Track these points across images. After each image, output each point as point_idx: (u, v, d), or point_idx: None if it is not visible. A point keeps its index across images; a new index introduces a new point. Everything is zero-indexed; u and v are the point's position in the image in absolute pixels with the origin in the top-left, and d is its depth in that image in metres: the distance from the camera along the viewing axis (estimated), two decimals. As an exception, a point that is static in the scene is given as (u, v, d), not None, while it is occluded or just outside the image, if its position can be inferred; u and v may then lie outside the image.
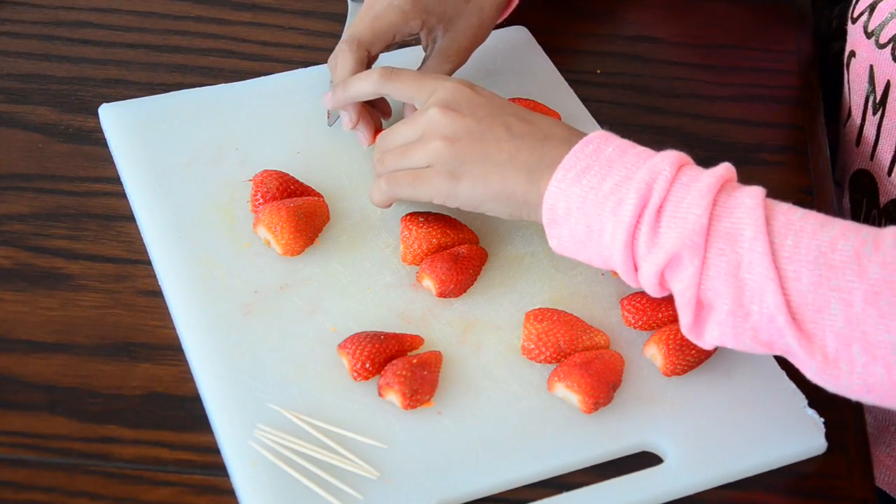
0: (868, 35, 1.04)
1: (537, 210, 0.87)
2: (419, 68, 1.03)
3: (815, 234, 0.79)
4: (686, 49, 1.20)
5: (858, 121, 1.09)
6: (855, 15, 1.07)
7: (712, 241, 0.80)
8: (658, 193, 0.82)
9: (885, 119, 1.04)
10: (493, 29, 1.16)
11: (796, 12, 1.23)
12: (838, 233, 0.79)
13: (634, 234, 0.83)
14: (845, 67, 1.09)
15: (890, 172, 1.07)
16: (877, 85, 1.04)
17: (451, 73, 1.04)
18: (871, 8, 1.04)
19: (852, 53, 1.07)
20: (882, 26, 1.02)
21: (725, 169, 0.83)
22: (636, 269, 0.84)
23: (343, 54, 1.00)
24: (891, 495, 1.13)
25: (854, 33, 1.07)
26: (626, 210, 0.82)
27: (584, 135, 0.87)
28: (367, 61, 1.01)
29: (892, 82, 1.03)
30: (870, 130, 1.07)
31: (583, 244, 0.85)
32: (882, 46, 1.02)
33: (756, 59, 1.19)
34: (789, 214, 0.81)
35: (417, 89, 0.94)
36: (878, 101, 1.04)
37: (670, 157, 0.83)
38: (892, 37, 1.01)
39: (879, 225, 1.10)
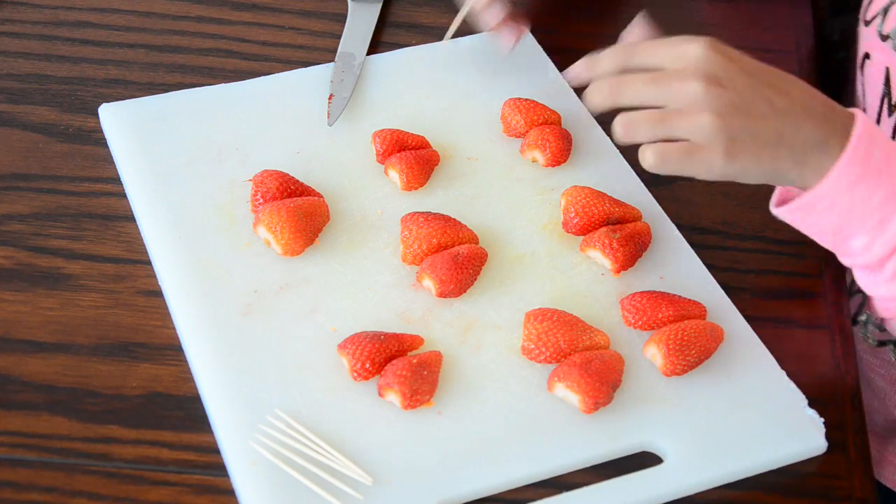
0: (883, 38, 1.03)
1: (787, 185, 0.88)
2: None
3: None
4: (686, 49, 1.20)
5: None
6: (868, 18, 1.07)
7: None
8: None
9: None
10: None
11: (796, 12, 1.23)
12: None
13: (888, 260, 0.86)
14: (859, 69, 1.09)
15: None
16: (892, 86, 1.04)
17: None
18: (885, 11, 1.04)
19: (867, 56, 1.07)
20: None
21: None
22: (868, 268, 0.88)
23: None
24: None
25: (868, 36, 1.07)
26: (891, 236, 0.85)
27: (837, 107, 0.88)
28: None
29: None
30: (885, 132, 1.07)
31: (822, 234, 0.88)
32: None
33: (756, 59, 1.19)
34: None
35: (660, 58, 0.88)
36: (893, 102, 1.04)
37: None
38: None
39: None
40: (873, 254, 0.86)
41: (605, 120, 1.08)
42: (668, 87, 0.87)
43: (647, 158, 0.87)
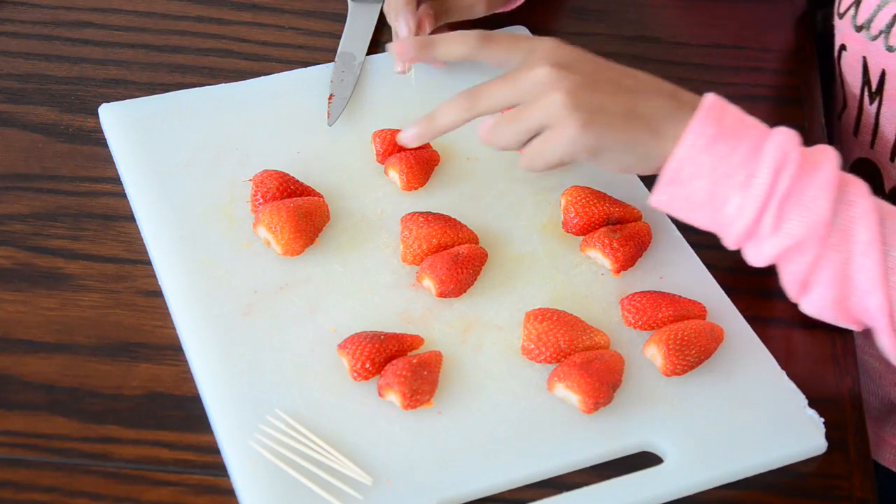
0: (857, 29, 1.06)
1: (655, 164, 0.90)
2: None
3: None
4: (686, 49, 1.20)
5: (855, 111, 1.11)
6: (841, 11, 1.10)
7: (830, 234, 0.87)
8: (787, 177, 0.87)
9: (883, 107, 1.07)
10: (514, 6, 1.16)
11: (796, 12, 1.24)
12: None
13: (761, 215, 0.87)
14: (836, 61, 1.11)
15: (892, 158, 1.10)
16: (871, 75, 1.06)
17: (473, 3, 1.09)
18: (857, 3, 1.06)
19: (843, 47, 1.10)
20: (871, 19, 1.05)
21: (836, 155, 0.89)
22: (747, 236, 0.89)
23: None
24: None
25: (843, 28, 1.10)
26: (758, 190, 0.87)
27: (686, 91, 0.92)
28: None
29: (887, 71, 1.06)
30: (867, 120, 1.09)
31: (697, 207, 0.90)
32: (874, 38, 1.04)
33: (756, 59, 1.19)
34: (893, 222, 0.88)
35: (513, 51, 0.93)
36: (874, 90, 1.07)
37: (792, 138, 0.88)
38: (882, 28, 1.04)
39: None
40: (749, 213, 0.88)
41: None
42: (519, 80, 0.91)
43: (521, 164, 0.92)
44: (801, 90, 1.16)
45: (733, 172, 0.87)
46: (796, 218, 0.87)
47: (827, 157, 0.89)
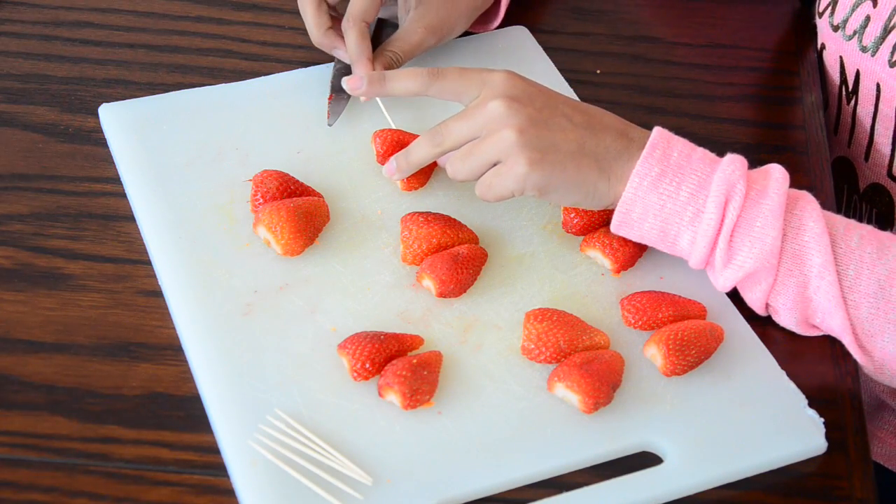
0: (834, 28, 1.07)
1: (604, 202, 0.92)
2: (392, 36, 1.07)
3: (873, 266, 0.88)
4: (686, 49, 1.20)
5: (834, 110, 1.12)
6: (820, 10, 1.12)
7: (782, 261, 0.89)
8: (734, 210, 0.88)
9: (858, 107, 1.08)
10: (492, 29, 1.16)
11: (796, 12, 1.24)
12: (893, 265, 0.88)
13: (713, 249, 0.90)
14: (818, 60, 1.12)
15: (867, 158, 1.11)
16: (847, 74, 1.08)
17: (422, 40, 1.07)
18: (833, 3, 1.07)
19: (823, 46, 1.11)
20: (846, 19, 1.07)
21: (783, 178, 0.90)
22: (706, 265, 0.92)
23: (347, 32, 1.04)
24: (886, 467, 1.15)
25: (822, 27, 1.11)
26: (707, 225, 0.89)
27: (636, 126, 0.93)
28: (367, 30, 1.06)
29: (861, 71, 1.07)
30: (845, 119, 1.10)
31: (653, 243, 0.92)
32: (849, 38, 1.06)
33: (756, 59, 1.19)
34: (847, 240, 0.88)
35: (466, 85, 0.95)
36: (850, 89, 1.08)
37: (739, 168, 0.89)
38: (856, 29, 1.05)
39: (861, 209, 1.12)
40: (700, 247, 0.90)
41: (605, 120, 1.08)
42: (474, 115, 0.93)
43: (476, 193, 0.94)
44: (802, 90, 1.16)
45: (681, 209, 0.89)
46: (746, 249, 0.89)
47: (774, 180, 0.90)
